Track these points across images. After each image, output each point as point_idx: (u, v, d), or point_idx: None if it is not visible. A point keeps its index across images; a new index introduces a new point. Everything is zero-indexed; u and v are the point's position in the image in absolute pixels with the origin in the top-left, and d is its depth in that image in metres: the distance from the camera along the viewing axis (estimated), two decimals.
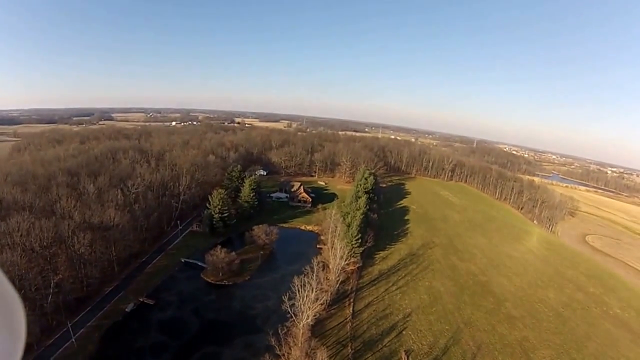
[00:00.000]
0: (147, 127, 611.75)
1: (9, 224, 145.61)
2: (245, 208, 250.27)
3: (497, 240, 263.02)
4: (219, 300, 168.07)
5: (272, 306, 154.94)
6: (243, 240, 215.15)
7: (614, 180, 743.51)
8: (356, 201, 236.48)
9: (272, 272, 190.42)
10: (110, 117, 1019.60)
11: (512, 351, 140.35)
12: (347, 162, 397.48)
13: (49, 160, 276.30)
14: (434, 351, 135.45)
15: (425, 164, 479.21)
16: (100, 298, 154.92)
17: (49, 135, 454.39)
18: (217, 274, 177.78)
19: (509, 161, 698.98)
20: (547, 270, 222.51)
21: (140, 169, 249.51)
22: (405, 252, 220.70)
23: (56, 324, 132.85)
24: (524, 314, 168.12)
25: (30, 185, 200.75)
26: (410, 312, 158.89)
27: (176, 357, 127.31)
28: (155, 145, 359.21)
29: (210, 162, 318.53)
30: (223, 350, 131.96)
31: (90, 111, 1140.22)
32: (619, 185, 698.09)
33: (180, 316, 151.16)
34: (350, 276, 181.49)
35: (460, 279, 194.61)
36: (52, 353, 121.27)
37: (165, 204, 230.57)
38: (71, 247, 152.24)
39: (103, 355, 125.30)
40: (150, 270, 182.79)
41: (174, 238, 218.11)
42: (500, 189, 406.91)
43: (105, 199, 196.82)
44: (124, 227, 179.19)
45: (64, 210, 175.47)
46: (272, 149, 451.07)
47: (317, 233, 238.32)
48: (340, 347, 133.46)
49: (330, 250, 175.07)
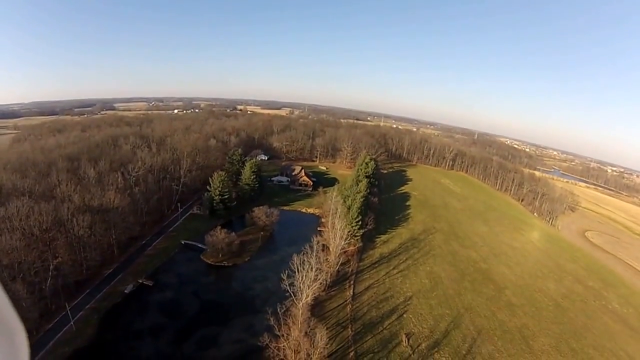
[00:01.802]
0: (149, 115, 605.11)
1: (8, 209, 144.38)
2: (246, 191, 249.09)
3: (498, 229, 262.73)
4: (219, 282, 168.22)
5: (272, 287, 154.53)
6: (243, 223, 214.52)
7: (614, 179, 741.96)
8: (357, 185, 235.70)
9: (272, 253, 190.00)
10: (112, 107, 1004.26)
11: (512, 337, 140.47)
12: (348, 147, 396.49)
13: (49, 148, 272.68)
14: (435, 335, 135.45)
15: (426, 152, 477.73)
16: (100, 281, 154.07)
17: (50, 126, 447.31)
18: (217, 256, 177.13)
19: (510, 154, 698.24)
20: (547, 261, 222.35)
21: (141, 154, 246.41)
22: (407, 236, 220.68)
23: (55, 307, 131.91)
24: (523, 302, 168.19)
25: (30, 172, 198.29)
26: (411, 295, 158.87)
27: (175, 338, 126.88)
28: (156, 131, 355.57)
29: (211, 147, 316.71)
30: (222, 331, 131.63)
31: (92, 102, 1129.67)
32: (618, 184, 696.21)
33: (179, 297, 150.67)
34: (350, 259, 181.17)
35: (461, 265, 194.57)
36: (51, 338, 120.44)
37: (166, 187, 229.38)
38: (71, 230, 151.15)
39: (102, 338, 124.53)
40: (150, 253, 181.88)
41: (174, 221, 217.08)
42: (501, 179, 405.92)
43: (106, 183, 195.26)
44: (123, 209, 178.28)
45: (63, 194, 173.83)
46: (273, 134, 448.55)
47: (318, 216, 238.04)
48: (341, 328, 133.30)
49: (331, 231, 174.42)
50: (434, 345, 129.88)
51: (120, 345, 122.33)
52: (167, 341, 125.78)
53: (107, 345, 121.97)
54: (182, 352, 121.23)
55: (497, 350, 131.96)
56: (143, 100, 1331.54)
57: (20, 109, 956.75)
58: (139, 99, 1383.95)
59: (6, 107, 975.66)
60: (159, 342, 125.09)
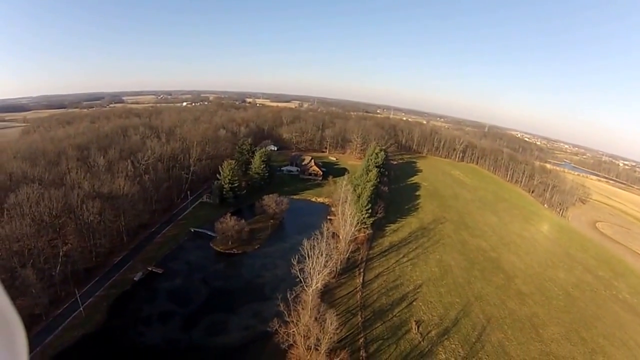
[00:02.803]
0: (157, 108, 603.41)
1: (18, 195, 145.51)
2: (256, 179, 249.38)
3: (508, 219, 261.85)
4: (228, 269, 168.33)
5: (281, 275, 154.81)
6: (253, 211, 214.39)
7: (625, 172, 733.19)
8: (367, 174, 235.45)
9: (282, 241, 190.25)
10: (120, 100, 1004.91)
11: (522, 326, 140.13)
12: (358, 138, 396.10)
13: (59, 138, 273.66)
14: (445, 322, 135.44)
15: (436, 143, 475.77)
16: (109, 268, 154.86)
17: (59, 118, 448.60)
18: (227, 243, 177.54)
19: (521, 147, 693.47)
20: (557, 251, 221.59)
21: (151, 143, 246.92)
22: (416, 225, 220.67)
23: (65, 294, 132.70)
24: (533, 291, 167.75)
25: (39, 160, 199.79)
26: (421, 283, 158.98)
27: (184, 325, 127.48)
28: (165, 122, 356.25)
29: (220, 137, 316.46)
30: (231, 317, 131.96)
31: (101, 95, 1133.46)
32: (630, 178, 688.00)
33: (188, 285, 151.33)
34: (360, 247, 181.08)
35: (470, 254, 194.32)
36: (60, 323, 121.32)
37: (176, 175, 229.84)
38: (80, 216, 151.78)
39: (111, 324, 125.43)
40: (160, 240, 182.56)
41: (183, 209, 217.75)
42: (512, 171, 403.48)
43: (115, 170, 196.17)
44: (133, 196, 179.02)
45: (73, 181, 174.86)
46: (282, 125, 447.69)
47: (328, 205, 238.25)
48: (350, 315, 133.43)
49: (341, 218, 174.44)
50: (444, 333, 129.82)
51: (129, 331, 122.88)
52: (175, 327, 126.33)
53: (115, 330, 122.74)
54: (191, 338, 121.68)
55: (506, 339, 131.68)
56: (151, 94, 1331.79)
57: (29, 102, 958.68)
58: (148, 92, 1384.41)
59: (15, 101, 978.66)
60: (167, 328, 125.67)
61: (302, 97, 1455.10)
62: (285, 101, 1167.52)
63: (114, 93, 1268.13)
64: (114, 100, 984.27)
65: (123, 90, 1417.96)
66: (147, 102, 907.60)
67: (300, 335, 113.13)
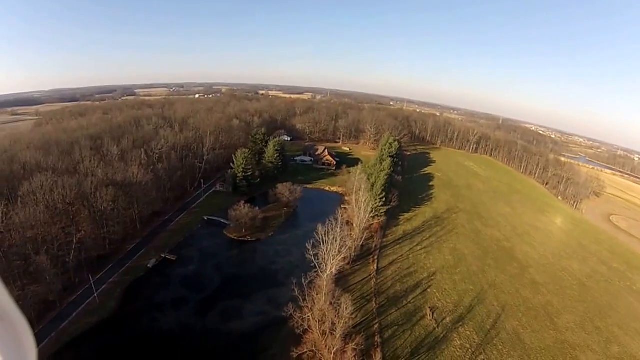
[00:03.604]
0: (170, 99, 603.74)
1: (32, 183, 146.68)
2: (269, 169, 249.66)
3: (522, 210, 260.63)
4: (242, 256, 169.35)
5: (295, 261, 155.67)
6: (267, 200, 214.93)
7: None
8: (380, 164, 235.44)
9: (296, 228, 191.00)
10: (133, 93, 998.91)
11: (537, 314, 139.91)
12: (371, 129, 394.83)
13: (72, 128, 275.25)
14: (459, 309, 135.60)
15: (450, 135, 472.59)
16: (123, 255, 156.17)
17: (72, 110, 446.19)
18: (240, 230, 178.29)
19: (535, 139, 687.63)
20: (571, 242, 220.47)
21: (164, 133, 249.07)
22: (430, 215, 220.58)
23: (78, 281, 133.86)
24: (547, 280, 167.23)
25: (53, 150, 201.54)
26: (435, 271, 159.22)
27: (198, 311, 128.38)
28: (178, 113, 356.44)
29: (233, 127, 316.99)
30: (245, 304, 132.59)
31: (113, 88, 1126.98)
32: None
33: (202, 271, 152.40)
34: (374, 235, 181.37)
35: (484, 244, 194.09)
36: (74, 310, 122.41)
37: (189, 164, 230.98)
38: (94, 203, 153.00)
39: (125, 310, 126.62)
40: (173, 228, 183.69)
41: (197, 198, 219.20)
42: (526, 163, 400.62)
43: (129, 159, 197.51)
44: (147, 184, 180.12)
45: (87, 169, 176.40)
46: (296, 115, 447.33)
47: (342, 194, 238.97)
48: (365, 302, 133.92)
49: (355, 205, 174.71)
50: (459, 320, 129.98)
51: (143, 317, 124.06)
52: (189, 313, 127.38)
53: (129, 317, 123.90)
54: (205, 323, 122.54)
55: (521, 326, 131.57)
56: (164, 86, 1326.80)
57: (41, 96, 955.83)
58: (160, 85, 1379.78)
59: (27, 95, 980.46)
60: (181, 314, 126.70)
61: (315, 90, 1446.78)
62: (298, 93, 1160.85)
63: (126, 86, 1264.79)
64: (126, 93, 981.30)
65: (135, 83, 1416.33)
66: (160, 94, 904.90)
67: (315, 320, 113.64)
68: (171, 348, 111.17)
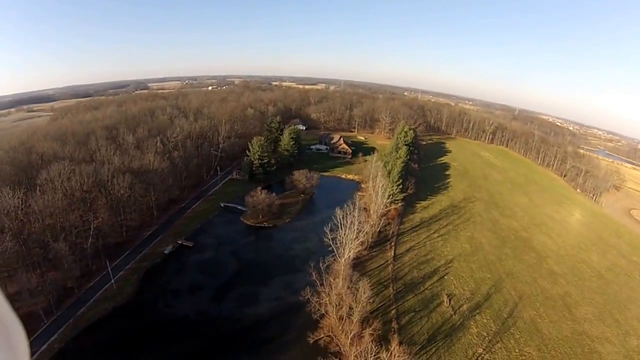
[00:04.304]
0: (183, 91, 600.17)
1: (50, 172, 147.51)
2: (285, 156, 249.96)
3: (539, 201, 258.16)
4: (258, 242, 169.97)
5: (312, 247, 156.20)
6: (283, 187, 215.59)
7: None
8: (396, 152, 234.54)
9: (313, 215, 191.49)
10: (146, 87, 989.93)
11: (554, 304, 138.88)
12: (386, 117, 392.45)
13: (87, 120, 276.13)
14: (476, 297, 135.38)
15: (465, 125, 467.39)
16: (139, 242, 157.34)
17: (86, 104, 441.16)
18: (257, 217, 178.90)
19: (553, 131, 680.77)
20: (589, 234, 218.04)
21: (179, 122, 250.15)
22: (446, 203, 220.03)
23: (96, 268, 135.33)
24: (566, 271, 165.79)
25: (69, 140, 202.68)
26: (452, 259, 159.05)
27: (214, 297, 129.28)
28: (192, 103, 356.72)
29: (248, 116, 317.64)
30: (261, 289, 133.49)
31: (126, 83, 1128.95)
32: None
33: (219, 257, 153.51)
34: (391, 222, 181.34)
35: (501, 233, 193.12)
36: (91, 295, 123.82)
37: (205, 153, 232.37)
38: (111, 190, 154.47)
39: (142, 295, 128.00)
40: (190, 215, 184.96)
41: (213, 185, 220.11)
42: (543, 154, 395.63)
43: (144, 147, 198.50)
44: (162, 172, 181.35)
45: (103, 157, 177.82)
46: (310, 104, 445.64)
47: (358, 182, 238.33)
48: (382, 287, 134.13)
49: (372, 191, 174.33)
50: (476, 307, 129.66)
51: (160, 303, 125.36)
52: (206, 299, 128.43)
53: (146, 302, 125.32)
54: (221, 309, 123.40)
55: (539, 316, 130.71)
56: (177, 80, 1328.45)
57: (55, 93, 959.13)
58: (173, 79, 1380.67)
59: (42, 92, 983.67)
60: (198, 299, 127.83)
61: (328, 80, 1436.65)
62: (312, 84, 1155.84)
63: (139, 80, 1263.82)
64: (139, 87, 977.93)
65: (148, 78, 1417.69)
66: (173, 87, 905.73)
67: (332, 305, 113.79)
68: (187, 333, 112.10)
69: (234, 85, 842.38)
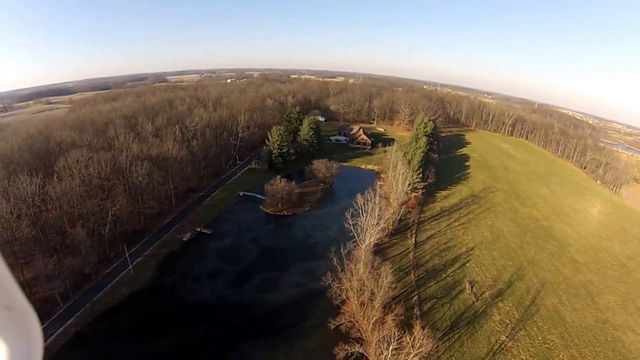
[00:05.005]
0: (202, 83, 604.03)
1: (67, 158, 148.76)
2: (304, 146, 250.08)
3: (560, 192, 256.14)
4: (278, 229, 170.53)
5: (333, 235, 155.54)
6: (303, 176, 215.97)
7: None
8: (416, 142, 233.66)
9: (333, 204, 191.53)
10: (164, 79, 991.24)
11: (577, 292, 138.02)
12: (405, 109, 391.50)
13: (106, 110, 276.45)
14: (498, 284, 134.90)
15: (484, 117, 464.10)
16: (157, 229, 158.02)
17: (105, 96, 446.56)
18: (276, 205, 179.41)
19: (572, 124, 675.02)
20: (610, 224, 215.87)
21: (198, 111, 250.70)
22: (467, 193, 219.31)
23: (113, 254, 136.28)
24: (588, 260, 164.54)
25: (88, 128, 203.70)
26: (473, 246, 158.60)
27: (234, 282, 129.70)
28: (211, 94, 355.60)
29: (267, 106, 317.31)
30: (282, 275, 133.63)
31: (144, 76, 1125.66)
32: None
33: (238, 244, 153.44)
34: (411, 210, 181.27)
35: (522, 222, 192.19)
36: (109, 281, 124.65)
37: (224, 142, 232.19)
38: (129, 177, 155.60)
39: (160, 281, 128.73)
40: (208, 203, 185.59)
41: (232, 174, 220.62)
42: (563, 146, 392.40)
43: (163, 135, 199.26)
44: (181, 159, 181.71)
45: (122, 145, 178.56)
46: (329, 96, 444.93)
47: (377, 172, 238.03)
48: (403, 274, 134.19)
49: (393, 178, 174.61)
50: (498, 295, 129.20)
51: (178, 288, 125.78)
52: (226, 284, 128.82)
53: (165, 288, 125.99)
54: (241, 294, 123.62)
55: (561, 304, 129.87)
56: (195, 73, 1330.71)
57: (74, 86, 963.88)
58: (191, 72, 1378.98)
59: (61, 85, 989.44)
60: (217, 285, 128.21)
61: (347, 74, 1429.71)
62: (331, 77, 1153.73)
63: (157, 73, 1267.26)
64: (158, 80, 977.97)
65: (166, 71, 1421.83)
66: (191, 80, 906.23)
67: (353, 291, 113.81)
68: (207, 318, 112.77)
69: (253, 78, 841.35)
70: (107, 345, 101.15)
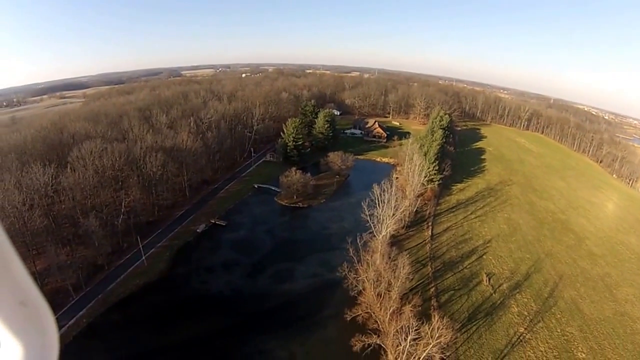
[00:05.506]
0: (217, 77, 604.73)
1: (81, 149, 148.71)
2: (320, 139, 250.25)
3: (576, 186, 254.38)
4: (293, 221, 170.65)
5: (348, 227, 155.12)
6: (318, 169, 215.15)
7: None
8: (432, 135, 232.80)
9: (348, 196, 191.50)
10: (179, 74, 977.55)
11: (595, 285, 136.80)
12: (421, 103, 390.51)
13: (120, 103, 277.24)
14: (515, 277, 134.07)
15: (500, 111, 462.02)
16: (171, 221, 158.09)
17: (119, 89, 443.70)
18: (292, 197, 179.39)
19: (588, 119, 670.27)
20: (628, 218, 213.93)
21: (213, 104, 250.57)
22: (483, 186, 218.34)
23: (127, 246, 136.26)
24: (605, 252, 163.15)
25: (101, 120, 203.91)
26: (490, 239, 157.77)
27: (249, 273, 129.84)
28: (226, 87, 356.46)
29: (282, 99, 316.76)
30: (297, 266, 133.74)
31: (159, 71, 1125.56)
32: None
33: (253, 236, 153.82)
34: (427, 202, 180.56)
35: (539, 215, 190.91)
36: (122, 272, 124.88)
37: (238, 134, 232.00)
38: (143, 168, 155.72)
39: (174, 272, 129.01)
40: (223, 195, 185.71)
41: (247, 167, 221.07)
42: (579, 140, 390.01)
43: (178, 127, 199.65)
44: (196, 151, 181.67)
45: (136, 136, 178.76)
46: (344, 90, 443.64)
47: (393, 165, 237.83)
48: (420, 266, 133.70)
49: (409, 170, 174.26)
50: (515, 287, 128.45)
51: (193, 279, 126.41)
52: (240, 275, 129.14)
53: (179, 278, 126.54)
54: (256, 285, 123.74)
55: (579, 296, 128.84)
56: (210, 67, 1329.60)
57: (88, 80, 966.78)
58: (206, 67, 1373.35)
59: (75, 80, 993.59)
60: (232, 276, 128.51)
61: (362, 69, 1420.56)
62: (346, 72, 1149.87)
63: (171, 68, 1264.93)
64: (172, 74, 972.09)
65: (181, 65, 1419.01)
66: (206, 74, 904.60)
67: (369, 282, 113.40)
68: (221, 308, 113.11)
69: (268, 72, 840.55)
70: (119, 336, 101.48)
